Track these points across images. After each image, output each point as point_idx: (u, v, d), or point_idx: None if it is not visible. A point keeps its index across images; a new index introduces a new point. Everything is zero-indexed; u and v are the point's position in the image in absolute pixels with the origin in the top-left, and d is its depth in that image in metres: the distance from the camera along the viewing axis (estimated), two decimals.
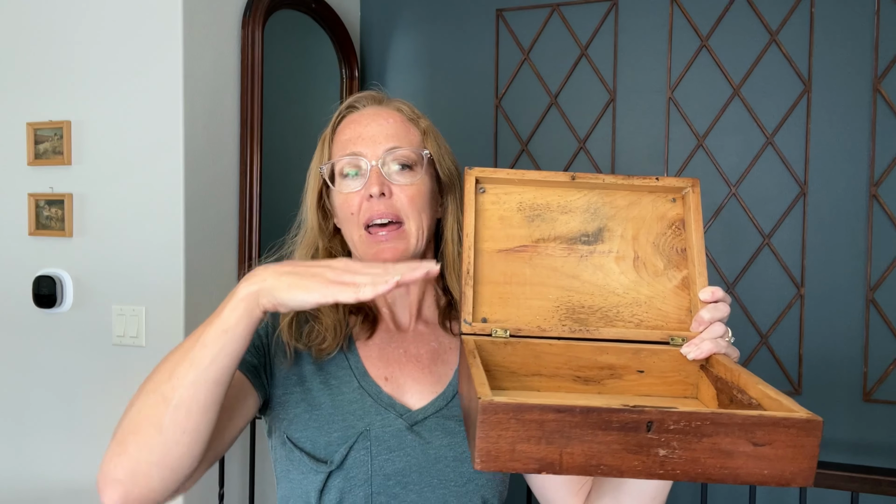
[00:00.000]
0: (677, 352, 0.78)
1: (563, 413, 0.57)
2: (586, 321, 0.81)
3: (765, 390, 0.64)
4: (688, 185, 0.83)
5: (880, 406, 2.05)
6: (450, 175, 0.97)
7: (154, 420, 0.71)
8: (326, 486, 0.87)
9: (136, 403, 0.73)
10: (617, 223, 0.84)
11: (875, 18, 2.03)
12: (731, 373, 0.71)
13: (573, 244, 0.83)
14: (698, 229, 0.82)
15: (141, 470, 0.72)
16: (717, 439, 0.57)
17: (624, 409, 0.57)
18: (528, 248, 0.83)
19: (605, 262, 0.83)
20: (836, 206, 2.09)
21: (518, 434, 0.57)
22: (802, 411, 0.58)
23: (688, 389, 0.80)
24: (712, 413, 0.57)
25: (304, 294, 0.69)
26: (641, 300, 0.82)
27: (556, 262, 0.82)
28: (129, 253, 1.83)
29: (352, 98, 0.98)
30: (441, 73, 2.50)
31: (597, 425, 0.57)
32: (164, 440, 0.71)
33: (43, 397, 1.93)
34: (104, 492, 0.73)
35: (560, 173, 0.83)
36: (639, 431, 0.57)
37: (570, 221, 0.84)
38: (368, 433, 0.87)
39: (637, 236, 0.83)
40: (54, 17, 1.89)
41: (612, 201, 0.84)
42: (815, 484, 1.70)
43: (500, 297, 0.82)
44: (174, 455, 0.72)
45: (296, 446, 0.89)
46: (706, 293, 0.79)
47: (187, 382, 0.71)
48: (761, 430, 0.57)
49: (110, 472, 0.73)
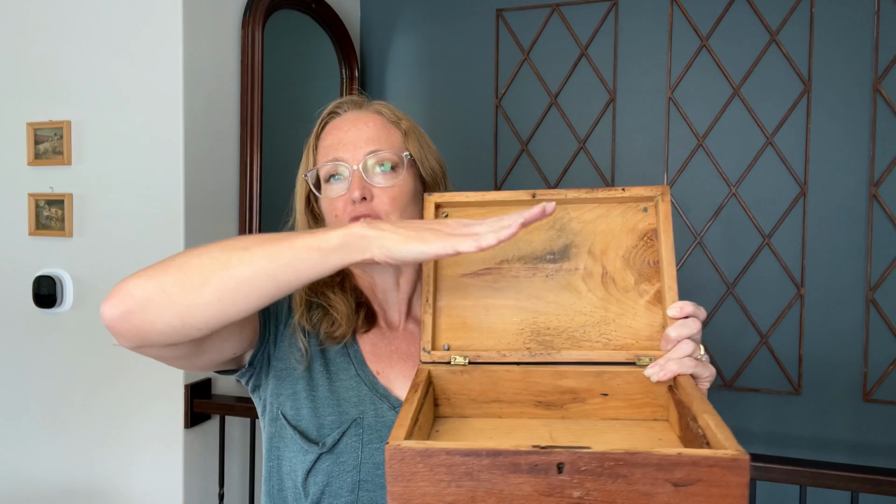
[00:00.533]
0: (643, 373, 0.75)
1: (469, 457, 0.55)
2: (551, 343, 0.78)
3: (709, 420, 0.60)
4: (657, 194, 0.79)
5: (880, 406, 2.05)
6: (433, 174, 0.98)
7: (205, 271, 0.70)
8: (314, 468, 0.88)
9: (198, 251, 0.72)
10: (584, 238, 0.81)
11: (875, 18, 2.03)
12: (689, 397, 0.67)
13: (538, 263, 0.81)
14: (668, 240, 0.78)
15: (159, 302, 0.70)
16: (633, 480, 0.54)
17: (533, 450, 0.54)
18: (493, 271, 0.81)
19: (571, 281, 0.80)
20: (836, 206, 2.09)
21: (428, 479, 0.56)
22: (732, 448, 0.54)
23: (658, 412, 0.76)
24: (626, 453, 0.54)
25: (422, 245, 0.67)
26: (610, 318, 0.78)
27: (521, 283, 0.80)
28: (129, 253, 1.83)
29: (333, 104, 0.99)
30: (441, 73, 2.50)
31: (506, 468, 0.55)
32: (200, 293, 0.69)
33: (43, 397, 1.93)
34: (111, 300, 0.71)
35: (521, 192, 0.80)
36: (549, 473, 0.54)
37: (535, 240, 0.81)
38: (361, 421, 0.89)
39: (606, 251, 0.80)
40: (54, 17, 1.89)
41: (580, 216, 0.81)
42: (815, 484, 1.70)
43: (463, 322, 0.80)
44: (195, 312, 0.70)
45: (289, 423, 0.90)
46: (674, 309, 0.76)
47: (255, 266, 0.69)
48: (681, 471, 0.53)
49: (128, 287, 0.70)
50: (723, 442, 0.56)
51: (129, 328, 0.71)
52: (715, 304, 2.19)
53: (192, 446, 1.83)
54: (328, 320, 0.94)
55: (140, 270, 0.72)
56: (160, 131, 1.79)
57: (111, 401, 1.85)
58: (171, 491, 1.80)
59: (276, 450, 0.92)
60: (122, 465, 1.84)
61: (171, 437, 1.80)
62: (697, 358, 0.75)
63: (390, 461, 0.56)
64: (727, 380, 2.19)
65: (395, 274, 0.98)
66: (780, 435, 2.15)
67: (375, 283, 0.99)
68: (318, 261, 0.69)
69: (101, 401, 1.86)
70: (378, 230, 0.69)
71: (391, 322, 1.00)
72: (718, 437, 0.57)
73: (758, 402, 2.17)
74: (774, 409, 2.16)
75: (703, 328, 0.76)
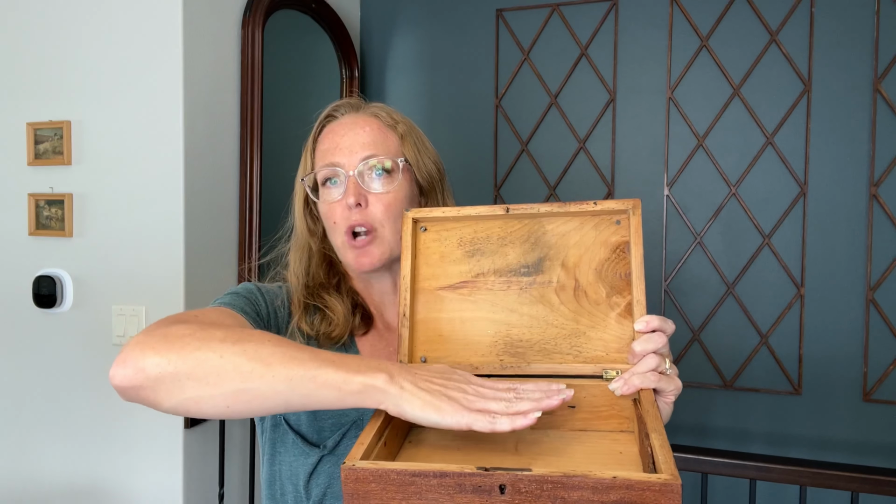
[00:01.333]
0: (608, 387, 0.77)
1: (418, 477, 0.58)
2: (524, 355, 0.80)
3: (655, 441, 0.62)
4: (629, 207, 0.80)
5: (880, 406, 2.05)
6: (429, 179, 0.98)
7: (223, 376, 0.68)
8: (316, 470, 0.89)
9: (219, 345, 0.70)
10: (558, 251, 0.82)
11: (875, 18, 2.03)
12: (646, 413, 0.69)
13: (512, 277, 0.82)
14: (639, 253, 0.79)
15: (170, 388, 0.69)
16: (570, 502, 0.56)
17: (476, 472, 0.57)
18: (468, 284, 0.83)
19: (544, 293, 0.81)
20: (836, 206, 2.09)
21: (380, 497, 0.59)
22: (667, 473, 0.56)
23: (624, 423, 0.78)
24: (563, 476, 0.56)
25: (436, 416, 0.66)
26: (581, 330, 0.80)
27: (496, 296, 0.82)
28: (129, 253, 1.83)
29: (330, 107, 1.00)
30: (441, 73, 2.50)
31: (452, 488, 0.58)
32: (211, 395, 0.69)
33: (43, 397, 1.93)
34: (124, 367, 0.69)
35: (496, 206, 0.82)
36: (492, 494, 0.57)
37: (510, 254, 0.83)
38: (361, 422, 0.91)
39: (579, 264, 0.81)
40: (54, 17, 1.89)
41: (554, 229, 0.82)
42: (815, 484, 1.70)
43: (439, 335, 0.82)
44: (202, 406, 0.70)
45: (291, 428, 0.92)
46: (640, 324, 0.77)
47: (273, 388, 0.68)
48: (615, 493, 0.56)
49: (144, 362, 0.69)
50: (661, 465, 0.58)
51: (135, 398, 0.71)
52: (715, 304, 2.19)
53: (192, 446, 1.83)
54: (325, 321, 0.94)
55: (154, 335, 0.70)
56: (160, 131, 1.79)
57: (111, 401, 1.85)
58: (172, 491, 1.80)
59: (278, 455, 0.93)
60: (122, 464, 1.85)
61: (172, 438, 1.80)
62: (662, 371, 0.76)
63: (345, 480, 0.59)
64: (727, 380, 2.19)
65: (391, 278, 0.99)
66: (780, 435, 2.15)
67: (372, 285, 1.00)
68: (335, 400, 0.68)
69: (101, 401, 1.86)
70: (398, 387, 0.67)
71: (389, 324, 1.00)
72: (659, 460, 0.59)
73: (758, 402, 2.18)
74: (774, 409, 2.16)
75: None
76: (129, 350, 0.69)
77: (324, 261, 1.00)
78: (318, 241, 1.00)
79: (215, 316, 0.80)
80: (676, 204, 2.23)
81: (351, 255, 0.94)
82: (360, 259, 0.93)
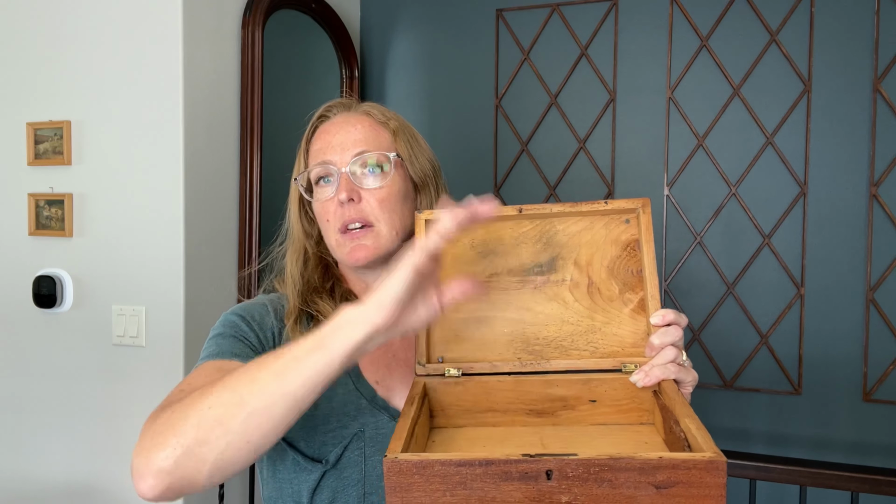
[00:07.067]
0: (629, 379, 0.78)
1: (463, 466, 0.58)
2: (541, 352, 0.81)
3: (690, 424, 0.63)
4: (638, 206, 0.82)
5: (880, 406, 2.05)
6: (423, 174, 0.97)
7: (224, 419, 0.66)
8: (320, 486, 0.88)
9: (205, 399, 0.68)
10: (570, 250, 0.83)
11: (875, 18, 2.03)
12: (672, 402, 0.70)
13: (526, 276, 0.83)
14: (650, 251, 0.81)
15: (193, 465, 0.67)
16: (618, 484, 0.57)
17: (523, 459, 0.57)
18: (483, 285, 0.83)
19: (559, 292, 0.83)
20: (836, 206, 2.09)
21: (424, 489, 0.58)
22: (710, 451, 0.57)
23: (644, 416, 0.79)
24: (610, 458, 0.57)
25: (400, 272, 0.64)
26: (597, 327, 0.81)
27: (510, 295, 0.83)
28: (129, 253, 1.83)
29: (322, 108, 1.00)
30: (441, 74, 2.50)
31: (498, 476, 0.57)
32: (227, 442, 0.66)
33: (43, 397, 1.93)
34: (144, 479, 0.68)
35: (509, 207, 0.82)
36: (539, 480, 0.57)
37: (523, 253, 0.84)
38: (363, 434, 0.89)
39: (591, 262, 0.83)
40: (54, 17, 1.89)
41: (565, 228, 0.84)
42: (815, 484, 1.70)
43: (455, 334, 0.83)
44: (230, 458, 0.67)
45: (290, 445, 0.90)
46: (657, 317, 0.78)
47: (268, 392, 0.66)
48: (662, 473, 0.56)
49: (157, 464, 0.67)
50: (702, 445, 0.59)
51: (175, 495, 0.69)
52: (715, 304, 2.19)
53: None
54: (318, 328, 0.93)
55: (147, 436, 0.69)
56: (160, 131, 1.79)
57: (111, 400, 1.85)
58: None
59: (278, 473, 0.92)
60: (122, 464, 1.84)
61: None
62: (680, 363, 0.77)
63: (388, 473, 0.58)
64: (727, 380, 2.19)
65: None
66: (780, 435, 2.15)
67: (369, 285, 0.99)
68: (327, 360, 0.65)
69: (101, 400, 1.86)
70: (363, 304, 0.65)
71: None
72: (698, 440, 0.60)
73: (758, 402, 2.17)
74: (774, 409, 2.16)
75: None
76: (137, 464, 0.68)
77: (319, 264, 0.99)
78: (313, 244, 1.00)
79: (202, 380, 0.77)
80: (676, 204, 2.23)
81: (345, 249, 0.92)
82: (354, 253, 0.91)
